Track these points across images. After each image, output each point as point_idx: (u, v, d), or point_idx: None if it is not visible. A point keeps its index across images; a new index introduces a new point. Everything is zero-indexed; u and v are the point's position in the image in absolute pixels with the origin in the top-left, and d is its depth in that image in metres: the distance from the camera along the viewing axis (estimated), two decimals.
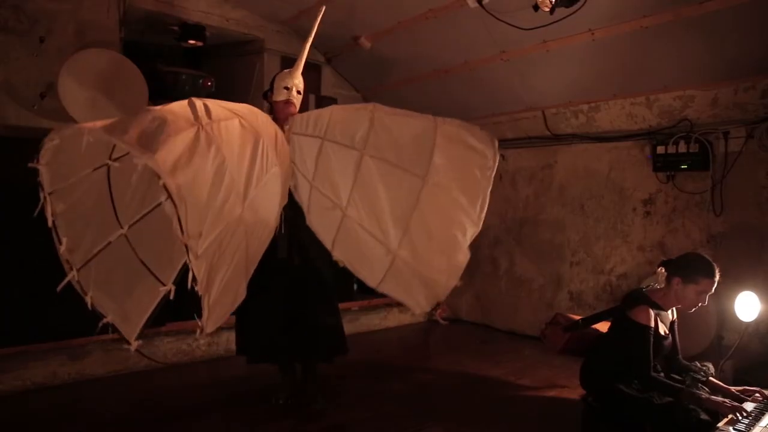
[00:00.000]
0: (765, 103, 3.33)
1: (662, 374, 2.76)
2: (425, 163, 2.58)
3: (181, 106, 2.17)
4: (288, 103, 2.86)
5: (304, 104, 5.04)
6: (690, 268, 2.66)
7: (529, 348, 4.34)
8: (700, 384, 2.72)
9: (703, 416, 2.39)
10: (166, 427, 2.77)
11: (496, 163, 2.68)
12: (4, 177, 3.20)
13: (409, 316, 5.28)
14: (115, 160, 2.25)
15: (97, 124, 1.96)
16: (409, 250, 2.63)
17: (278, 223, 2.59)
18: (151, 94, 3.79)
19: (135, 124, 1.93)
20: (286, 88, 2.87)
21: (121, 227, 2.39)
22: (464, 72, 4.38)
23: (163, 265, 2.42)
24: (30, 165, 2.14)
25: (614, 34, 3.40)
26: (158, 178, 1.78)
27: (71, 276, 2.31)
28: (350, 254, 2.77)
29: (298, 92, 2.92)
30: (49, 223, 2.23)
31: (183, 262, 2.46)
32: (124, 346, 2.24)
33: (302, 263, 2.87)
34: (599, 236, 4.29)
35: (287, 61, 4.84)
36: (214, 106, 2.26)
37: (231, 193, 2.08)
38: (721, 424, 2.25)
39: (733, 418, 2.30)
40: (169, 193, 1.79)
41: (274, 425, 2.78)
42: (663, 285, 2.77)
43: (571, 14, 3.07)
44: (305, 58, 2.95)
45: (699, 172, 3.67)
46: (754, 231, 3.44)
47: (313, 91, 5.00)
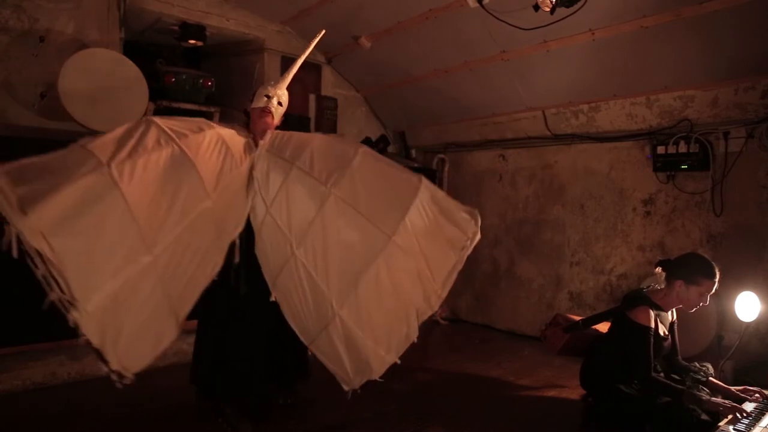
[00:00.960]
0: (765, 103, 3.33)
1: (662, 374, 2.77)
2: (395, 222, 2.28)
3: (115, 136, 2.08)
4: (264, 111, 2.63)
5: (304, 104, 5.09)
6: (691, 269, 2.67)
7: (529, 348, 4.33)
8: (700, 384, 2.72)
9: (704, 416, 2.40)
10: (166, 426, 2.76)
11: (473, 243, 2.42)
12: None
13: None
14: None
15: (16, 164, 1.84)
16: (352, 312, 2.32)
17: (229, 252, 2.39)
18: (151, 94, 3.79)
19: (43, 170, 1.84)
20: (267, 96, 2.66)
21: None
22: (464, 72, 4.38)
23: None
24: None
25: (614, 34, 3.40)
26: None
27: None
28: (289, 301, 2.48)
29: (279, 104, 2.70)
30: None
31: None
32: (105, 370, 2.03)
33: (263, 287, 2.56)
34: (599, 236, 4.29)
35: (287, 61, 4.83)
36: (155, 132, 2.14)
37: (134, 242, 1.95)
38: (721, 424, 2.25)
39: (734, 418, 2.30)
40: (42, 257, 1.71)
41: (274, 425, 2.78)
42: (663, 286, 2.78)
43: (571, 14, 3.07)
44: (293, 73, 2.81)
45: (699, 172, 3.67)
46: (754, 231, 3.44)
47: (313, 91, 5.01)
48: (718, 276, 2.62)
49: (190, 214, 2.13)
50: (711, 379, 2.78)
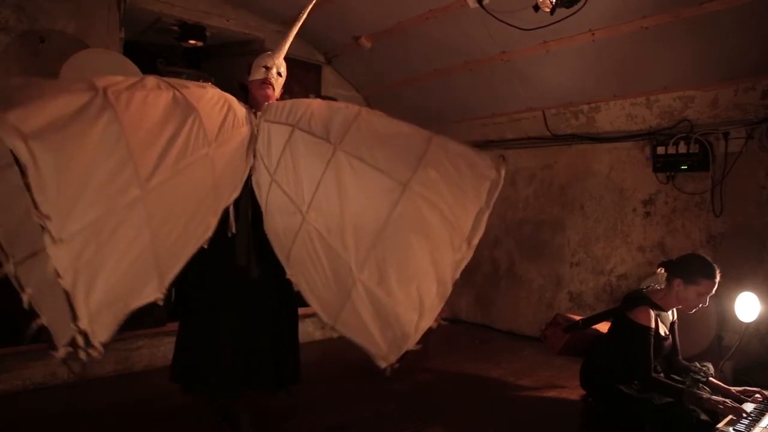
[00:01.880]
0: (765, 104, 3.33)
1: (662, 375, 2.77)
2: (409, 169, 2.04)
3: (120, 78, 1.89)
4: (265, 83, 2.48)
5: None
6: (691, 269, 2.67)
7: (529, 348, 4.33)
8: (701, 384, 2.72)
9: (703, 417, 2.40)
10: (166, 426, 2.77)
11: (499, 187, 2.17)
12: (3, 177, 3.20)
13: None
14: None
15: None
16: (374, 275, 2.06)
17: (231, 222, 2.22)
18: None
19: (35, 88, 1.63)
20: (265, 67, 2.50)
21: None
22: (464, 72, 4.38)
23: None
24: None
25: (614, 34, 3.40)
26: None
27: (8, 269, 1.92)
28: (306, 274, 2.24)
29: (279, 74, 2.55)
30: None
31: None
32: (51, 351, 1.83)
33: (265, 275, 2.39)
34: (599, 237, 4.29)
35: (287, 61, 4.81)
36: (155, 80, 1.98)
37: (125, 170, 1.70)
38: (720, 425, 2.25)
39: (733, 419, 2.30)
40: (15, 157, 1.45)
41: (274, 426, 2.78)
42: (663, 286, 2.78)
43: (571, 15, 3.07)
44: (290, 41, 2.61)
45: (699, 172, 3.67)
46: (754, 231, 3.44)
47: (314, 92, 5.01)
48: (717, 276, 2.62)
49: (188, 158, 1.93)
50: (711, 379, 2.78)
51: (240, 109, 2.30)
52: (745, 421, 2.26)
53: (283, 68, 2.59)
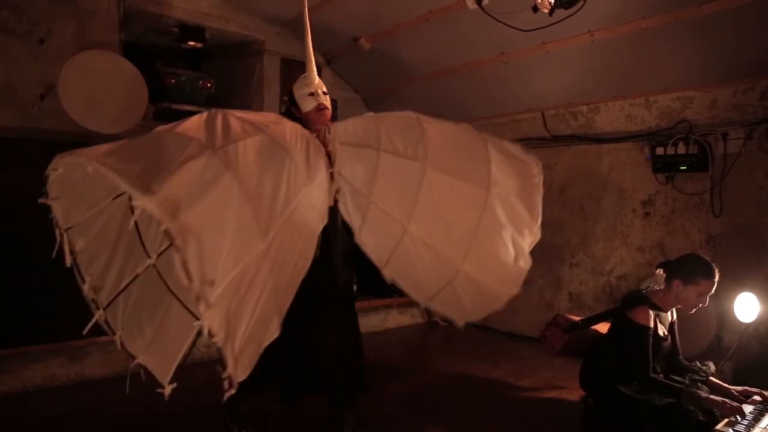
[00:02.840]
0: (764, 105, 3.33)
1: (662, 375, 2.77)
2: (485, 174, 2.49)
3: (197, 124, 2.00)
4: (320, 110, 2.60)
5: None
6: (690, 269, 2.67)
7: (528, 349, 4.33)
8: (699, 384, 2.72)
9: (702, 417, 2.40)
10: (166, 427, 2.77)
11: (542, 178, 2.71)
12: (4, 178, 3.20)
13: (409, 318, 5.28)
14: None
15: (101, 149, 1.81)
16: (473, 264, 2.48)
17: (317, 248, 2.34)
18: (151, 96, 3.79)
19: (140, 152, 1.77)
20: (311, 95, 2.59)
21: (149, 257, 2.15)
22: (464, 73, 4.38)
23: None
24: (40, 201, 1.94)
25: (613, 35, 3.41)
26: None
27: (98, 316, 2.12)
28: (403, 272, 2.55)
29: (324, 93, 2.65)
30: (68, 263, 2.01)
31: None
32: (158, 390, 1.99)
33: (347, 284, 2.72)
34: (599, 237, 4.29)
35: (287, 63, 4.85)
36: (235, 121, 2.07)
37: (250, 228, 1.84)
38: (720, 426, 2.25)
39: (733, 420, 2.30)
40: (171, 238, 1.58)
41: (274, 426, 2.78)
42: (663, 286, 2.78)
43: (570, 16, 3.07)
44: (312, 52, 2.67)
45: (698, 173, 3.67)
46: (753, 232, 3.44)
47: None
48: (716, 277, 2.62)
49: (293, 202, 2.05)
50: (711, 378, 2.78)
51: (313, 138, 2.40)
52: (745, 422, 2.26)
53: (323, 85, 2.68)
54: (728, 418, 2.31)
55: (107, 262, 2.14)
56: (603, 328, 3.14)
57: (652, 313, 2.70)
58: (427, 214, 2.45)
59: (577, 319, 3.29)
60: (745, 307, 3.07)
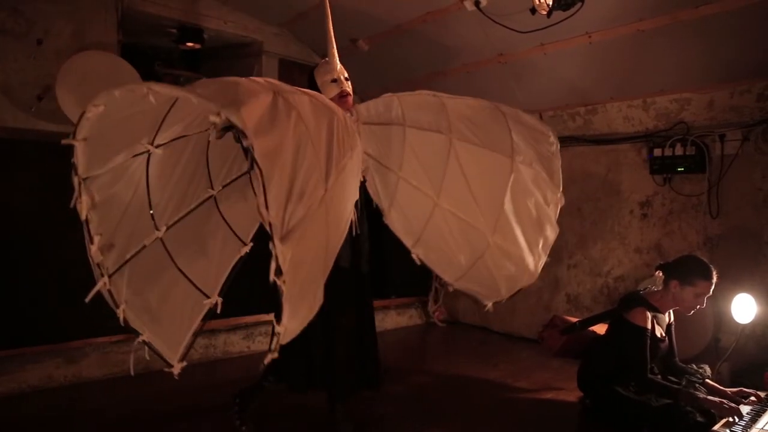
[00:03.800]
0: (760, 106, 3.34)
1: (659, 376, 2.77)
2: (508, 142, 2.50)
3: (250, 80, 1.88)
4: (343, 95, 2.52)
5: None
6: (687, 270, 2.68)
7: (526, 350, 4.34)
8: (697, 385, 2.73)
9: (700, 418, 2.40)
10: (166, 427, 2.76)
11: (558, 143, 2.76)
12: (1, 178, 3.19)
13: (407, 319, 5.28)
14: (158, 147, 1.91)
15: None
16: (501, 234, 2.48)
17: (350, 225, 2.23)
18: None
19: (204, 84, 1.66)
20: (334, 81, 2.53)
21: (157, 229, 2.06)
22: (462, 75, 4.39)
23: (206, 275, 2.14)
24: (64, 142, 1.78)
25: (611, 37, 3.41)
26: (240, 141, 1.45)
27: (102, 283, 1.95)
28: (435, 249, 2.56)
29: (346, 78, 2.59)
30: (83, 216, 1.85)
31: (228, 273, 2.22)
32: (165, 369, 1.92)
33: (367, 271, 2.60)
34: (596, 238, 4.30)
35: (285, 64, 4.85)
36: (277, 81, 1.97)
37: (314, 169, 1.72)
38: (717, 426, 2.25)
39: (730, 421, 2.30)
40: (254, 158, 1.45)
41: (273, 427, 2.78)
42: (660, 287, 2.79)
43: (568, 17, 3.08)
44: (333, 39, 2.63)
45: (695, 174, 3.68)
46: (750, 233, 3.45)
47: None
48: (714, 277, 2.63)
49: (343, 159, 1.96)
50: (707, 381, 2.78)
51: (346, 114, 2.35)
52: (742, 422, 2.26)
53: (344, 71, 2.65)
54: (726, 419, 2.31)
55: (117, 226, 1.99)
56: (601, 329, 3.14)
57: (649, 315, 2.71)
58: (456, 186, 2.47)
59: (575, 320, 3.30)
60: (743, 309, 3.08)
